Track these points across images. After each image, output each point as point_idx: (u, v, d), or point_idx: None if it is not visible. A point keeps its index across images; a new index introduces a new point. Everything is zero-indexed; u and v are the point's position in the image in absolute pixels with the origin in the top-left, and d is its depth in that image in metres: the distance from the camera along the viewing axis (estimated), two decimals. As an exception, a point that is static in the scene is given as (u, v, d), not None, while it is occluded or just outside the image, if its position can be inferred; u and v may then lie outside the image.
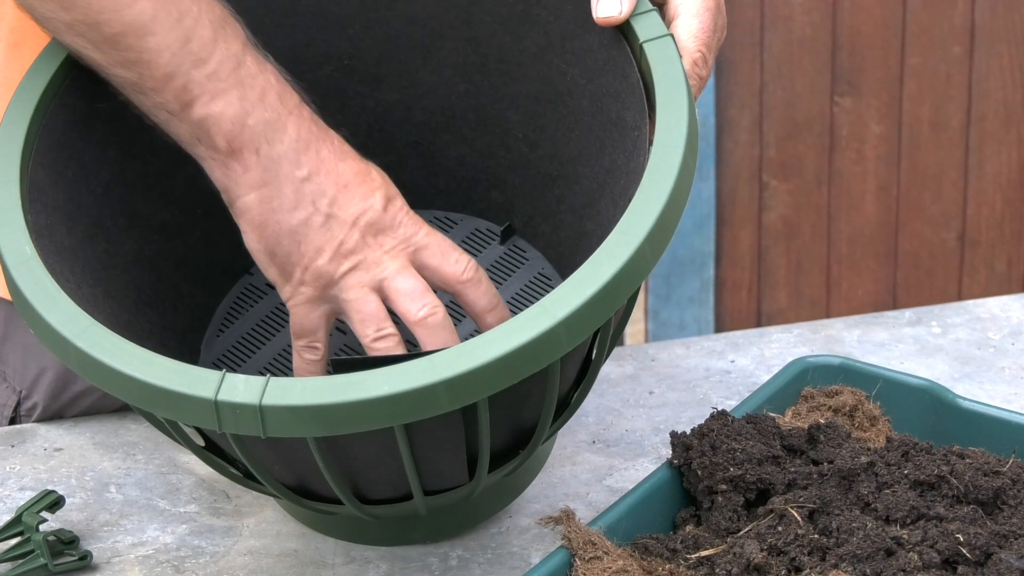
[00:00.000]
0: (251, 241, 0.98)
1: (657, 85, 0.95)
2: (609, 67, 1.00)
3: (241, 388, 0.86)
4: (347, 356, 1.07)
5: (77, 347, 0.89)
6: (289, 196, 0.96)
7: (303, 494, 0.97)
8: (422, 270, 0.98)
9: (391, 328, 0.98)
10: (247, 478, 0.99)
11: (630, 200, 0.93)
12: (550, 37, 1.04)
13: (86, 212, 1.02)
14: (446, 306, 0.99)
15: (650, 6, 0.98)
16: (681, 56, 0.97)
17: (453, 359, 0.85)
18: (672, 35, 0.97)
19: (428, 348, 0.96)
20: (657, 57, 0.96)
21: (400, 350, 0.98)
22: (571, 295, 0.87)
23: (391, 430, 0.88)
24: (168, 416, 0.88)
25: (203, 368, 0.87)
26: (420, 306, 0.97)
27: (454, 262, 0.98)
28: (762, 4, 2.74)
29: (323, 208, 0.96)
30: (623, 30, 0.99)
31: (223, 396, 0.86)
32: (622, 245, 0.88)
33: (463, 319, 1.11)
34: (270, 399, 0.85)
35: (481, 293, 0.99)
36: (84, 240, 1.01)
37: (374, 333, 0.97)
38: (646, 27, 0.97)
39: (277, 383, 0.86)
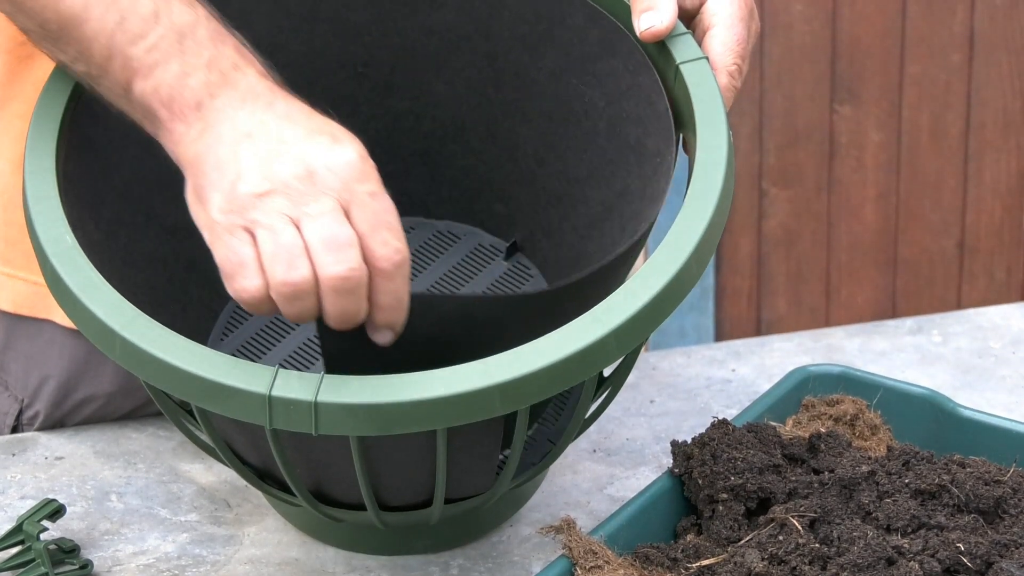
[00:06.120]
0: (187, 190, 0.91)
1: (696, 106, 0.98)
2: (633, 92, 1.02)
3: (295, 384, 0.86)
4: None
5: (124, 338, 0.89)
6: (226, 132, 0.90)
7: (316, 497, 0.98)
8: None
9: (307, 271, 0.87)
10: (261, 479, 0.99)
11: (641, 223, 0.95)
12: (570, 58, 1.06)
13: (109, 208, 1.03)
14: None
15: (685, 29, 1.01)
16: (717, 73, 1.00)
17: (508, 364, 0.86)
18: (707, 57, 1.00)
19: (324, 315, 0.88)
20: (694, 79, 0.99)
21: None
22: (622, 306, 0.89)
23: (431, 434, 0.88)
24: (215, 410, 0.88)
25: (255, 363, 0.87)
26: (335, 260, 0.87)
27: (381, 243, 0.88)
28: (762, 12, 2.74)
29: (261, 139, 0.89)
30: (659, 51, 1.01)
31: (277, 392, 0.86)
32: (670, 260, 0.91)
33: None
34: (325, 396, 0.86)
35: (390, 289, 0.89)
36: (107, 235, 1.01)
37: (284, 272, 0.87)
38: (682, 49, 1.00)
39: (331, 380, 0.86)
